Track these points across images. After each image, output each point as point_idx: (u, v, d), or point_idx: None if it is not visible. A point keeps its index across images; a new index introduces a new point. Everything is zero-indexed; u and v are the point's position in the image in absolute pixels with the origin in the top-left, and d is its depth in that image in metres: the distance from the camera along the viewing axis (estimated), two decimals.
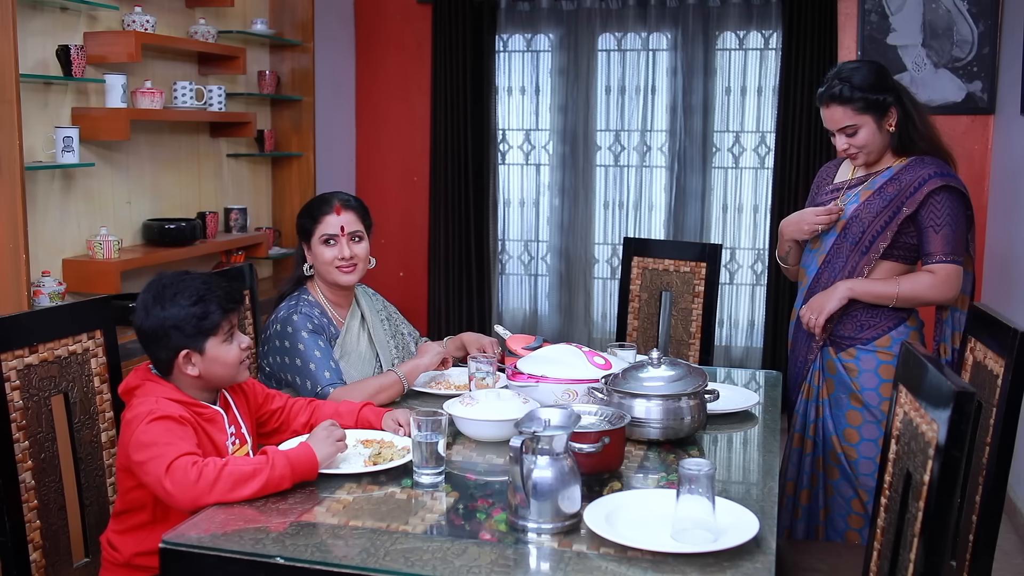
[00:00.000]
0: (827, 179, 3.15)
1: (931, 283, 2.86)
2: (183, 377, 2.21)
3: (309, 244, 2.83)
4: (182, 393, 2.20)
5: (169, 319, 2.17)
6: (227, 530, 1.88)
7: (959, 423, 1.68)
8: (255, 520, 1.93)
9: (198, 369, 2.20)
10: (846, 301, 2.92)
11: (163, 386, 2.19)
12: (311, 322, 2.73)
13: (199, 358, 2.20)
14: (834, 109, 2.89)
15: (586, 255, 5.65)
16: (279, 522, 1.92)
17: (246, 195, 4.85)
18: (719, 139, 5.42)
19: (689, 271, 3.74)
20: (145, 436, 2.05)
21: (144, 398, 2.14)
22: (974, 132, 5.03)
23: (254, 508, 1.99)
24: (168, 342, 2.17)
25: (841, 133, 2.91)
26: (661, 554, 1.76)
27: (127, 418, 2.13)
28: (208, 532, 1.88)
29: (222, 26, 4.52)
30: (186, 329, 2.17)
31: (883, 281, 2.91)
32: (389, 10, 5.77)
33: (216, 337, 2.19)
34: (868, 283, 2.92)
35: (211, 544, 1.83)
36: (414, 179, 5.83)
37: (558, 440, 1.88)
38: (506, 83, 5.69)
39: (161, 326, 2.17)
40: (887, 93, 2.90)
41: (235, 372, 2.25)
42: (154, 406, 2.10)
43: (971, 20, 4.96)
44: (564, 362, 2.59)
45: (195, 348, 2.19)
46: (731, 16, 5.30)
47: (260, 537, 1.85)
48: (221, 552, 1.81)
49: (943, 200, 2.85)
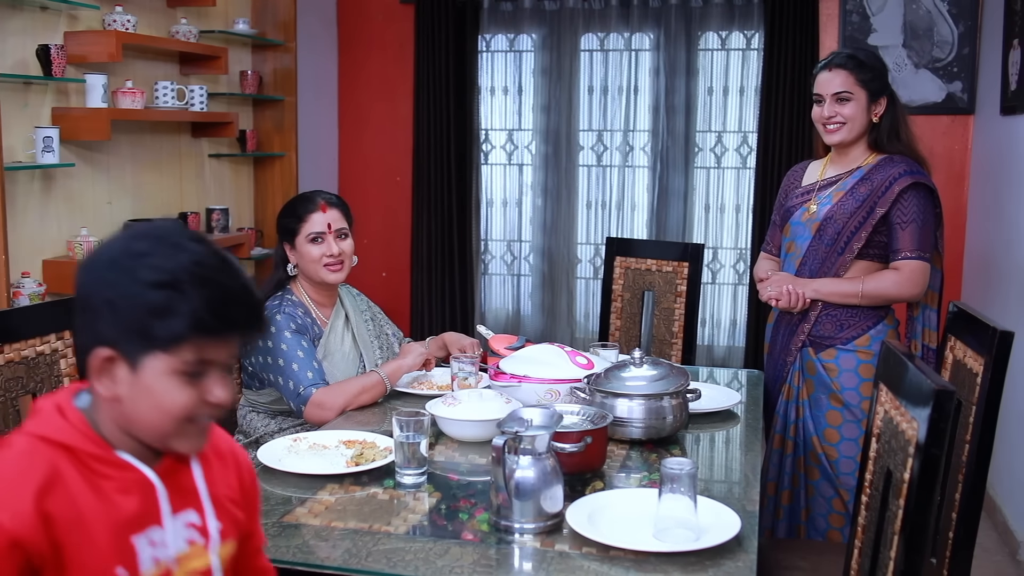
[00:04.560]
0: (796, 183, 3.17)
1: (895, 280, 2.89)
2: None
3: (293, 244, 2.83)
4: (89, 435, 1.31)
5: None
6: None
7: (939, 421, 1.69)
8: None
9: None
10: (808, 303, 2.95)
11: (59, 418, 1.31)
12: (294, 322, 2.73)
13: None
14: (837, 72, 2.94)
15: (569, 255, 5.65)
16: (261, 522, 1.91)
17: (228, 195, 4.84)
18: (701, 139, 5.43)
19: (671, 271, 3.75)
20: None
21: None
22: (954, 132, 5.06)
23: None
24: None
25: (834, 99, 2.94)
26: (643, 553, 1.77)
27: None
28: None
29: (204, 26, 4.50)
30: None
31: (847, 280, 2.94)
32: (372, 10, 5.76)
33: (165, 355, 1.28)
34: (832, 283, 2.94)
35: None
36: (397, 179, 5.82)
37: (540, 440, 1.88)
38: (489, 83, 5.68)
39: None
40: (885, 82, 2.98)
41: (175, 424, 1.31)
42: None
43: (951, 21, 4.99)
44: (546, 362, 2.60)
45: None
46: (713, 16, 5.32)
47: None
48: None
49: (912, 197, 2.89)
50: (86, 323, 1.30)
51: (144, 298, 1.26)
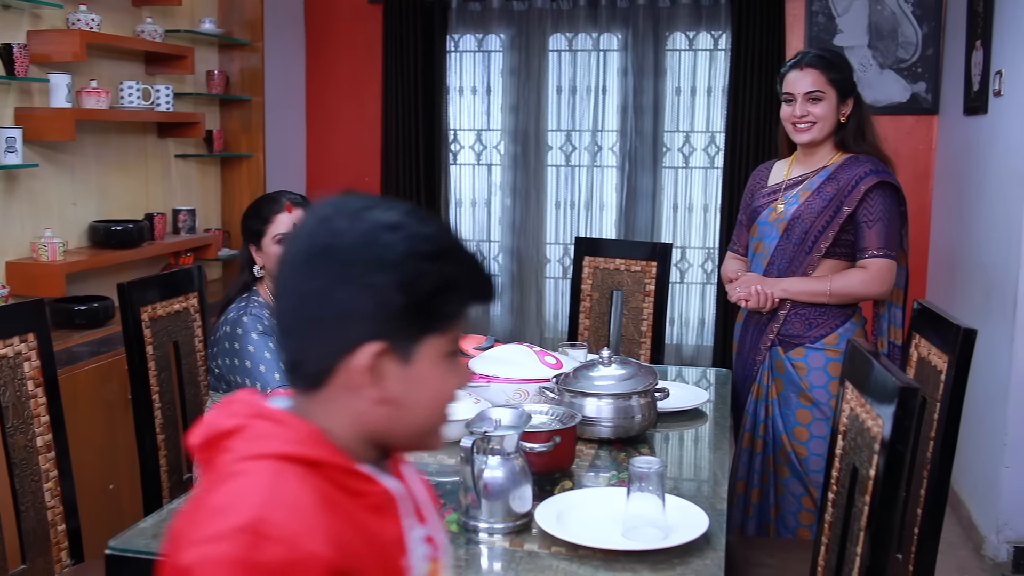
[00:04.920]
0: (761, 182, 3.19)
1: (863, 279, 2.92)
2: (352, 405, 1.11)
3: (260, 245, 2.80)
4: (329, 446, 1.10)
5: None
6: None
7: (904, 418, 1.71)
8: None
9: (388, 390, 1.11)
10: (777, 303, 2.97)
11: (290, 429, 1.09)
12: (261, 323, 2.71)
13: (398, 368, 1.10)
14: (809, 72, 2.95)
15: (538, 255, 5.66)
16: None
17: (195, 196, 4.80)
18: (669, 139, 5.45)
19: (640, 270, 3.76)
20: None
21: (244, 480, 1.03)
22: (918, 132, 5.11)
23: None
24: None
25: (806, 99, 2.95)
26: (612, 552, 1.77)
27: (181, 532, 1.03)
28: (155, 537, 1.85)
29: (169, 25, 4.47)
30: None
31: (815, 279, 2.96)
32: (339, 10, 5.73)
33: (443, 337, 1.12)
34: (801, 282, 2.96)
35: (158, 549, 1.80)
36: (365, 179, 5.80)
37: (509, 440, 1.88)
38: (457, 83, 5.68)
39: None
40: (853, 82, 3.01)
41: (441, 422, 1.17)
42: (268, 527, 0.98)
43: (915, 22, 5.04)
44: (515, 362, 2.60)
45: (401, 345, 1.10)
46: (681, 17, 5.34)
47: None
48: None
49: (878, 196, 2.92)
50: (326, 327, 1.08)
51: (421, 274, 1.06)
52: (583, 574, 1.72)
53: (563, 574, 1.72)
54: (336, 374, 1.08)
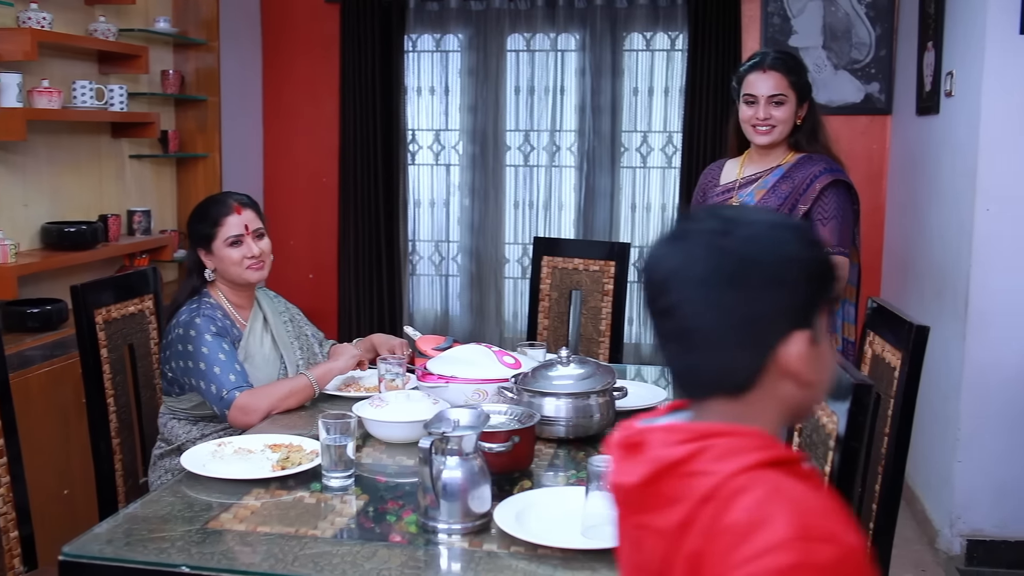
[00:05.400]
0: (713, 181, 3.21)
1: None
2: (780, 395, 1.20)
3: (210, 249, 2.77)
4: (780, 442, 1.19)
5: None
6: (130, 540, 1.84)
7: (858, 415, 1.73)
8: (159, 529, 1.89)
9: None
10: None
11: (749, 438, 1.15)
12: (214, 324, 2.68)
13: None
14: (772, 75, 2.97)
15: (496, 255, 5.66)
16: (184, 530, 1.88)
17: (150, 197, 4.75)
18: (627, 139, 5.47)
19: (599, 270, 3.77)
20: None
21: (755, 494, 1.07)
22: (872, 132, 5.17)
23: (159, 517, 1.95)
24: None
25: (769, 102, 2.97)
26: (571, 551, 1.78)
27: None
28: (110, 542, 1.83)
29: (123, 24, 4.42)
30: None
31: None
32: (296, 9, 5.70)
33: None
34: None
35: (114, 555, 1.79)
36: (323, 180, 5.77)
37: (467, 440, 1.88)
38: (415, 83, 5.66)
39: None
40: (809, 85, 3.04)
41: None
42: (813, 531, 1.04)
43: (869, 23, 5.10)
44: (474, 362, 2.60)
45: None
46: (638, 18, 5.36)
47: (165, 546, 1.81)
48: (124, 563, 1.77)
49: (832, 194, 2.96)
50: (757, 330, 1.15)
51: (813, 261, 1.18)
52: (542, 573, 1.72)
53: (522, 574, 1.72)
54: (765, 371, 1.16)
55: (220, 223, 2.76)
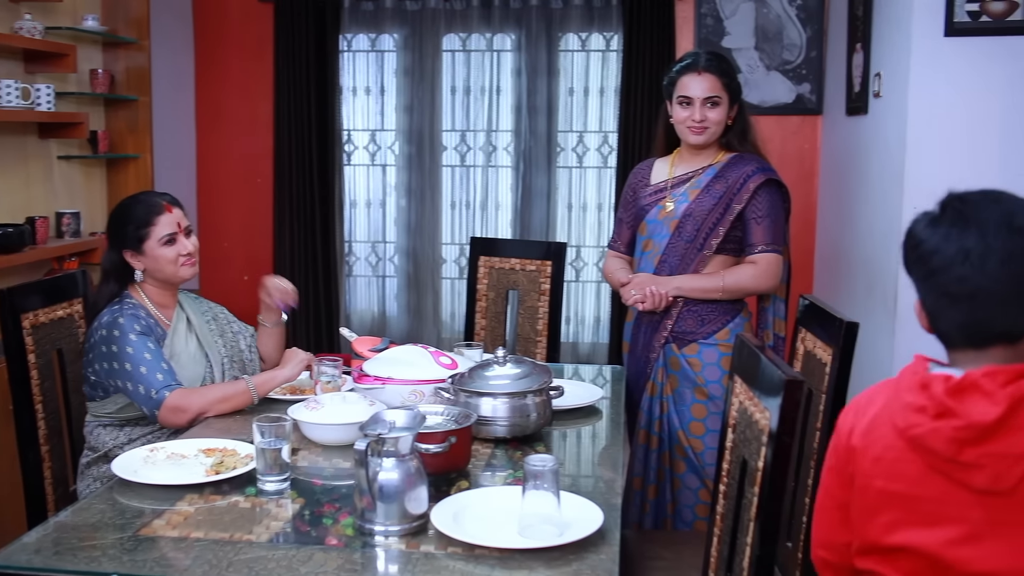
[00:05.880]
0: (643, 180, 3.24)
1: (753, 273, 3.00)
2: None
3: (140, 250, 2.73)
4: None
5: None
6: (60, 549, 1.81)
7: (789, 410, 1.75)
8: (90, 537, 1.85)
9: None
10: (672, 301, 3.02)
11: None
12: (138, 324, 2.63)
13: None
14: (707, 77, 3.00)
15: (434, 255, 5.65)
16: (115, 537, 1.85)
17: (79, 199, 4.66)
18: (563, 139, 5.49)
19: (535, 269, 3.78)
20: None
21: None
22: (804, 132, 5.25)
23: (89, 524, 1.91)
24: None
25: (704, 103, 3.00)
26: (508, 550, 1.78)
27: None
28: (39, 551, 1.79)
29: (50, 22, 4.33)
30: None
31: (707, 276, 3.02)
32: (229, 8, 5.62)
33: None
34: (693, 279, 3.02)
35: (42, 564, 1.75)
36: (258, 180, 5.70)
37: (403, 441, 1.88)
38: (351, 83, 5.62)
39: None
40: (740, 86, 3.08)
41: None
42: None
43: (799, 25, 5.17)
44: (410, 363, 2.59)
45: None
46: (573, 18, 5.38)
47: (96, 555, 1.78)
48: (54, 572, 1.73)
49: (765, 193, 3.01)
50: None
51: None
52: (479, 574, 1.72)
53: (460, 574, 1.72)
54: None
55: (152, 223, 2.72)
